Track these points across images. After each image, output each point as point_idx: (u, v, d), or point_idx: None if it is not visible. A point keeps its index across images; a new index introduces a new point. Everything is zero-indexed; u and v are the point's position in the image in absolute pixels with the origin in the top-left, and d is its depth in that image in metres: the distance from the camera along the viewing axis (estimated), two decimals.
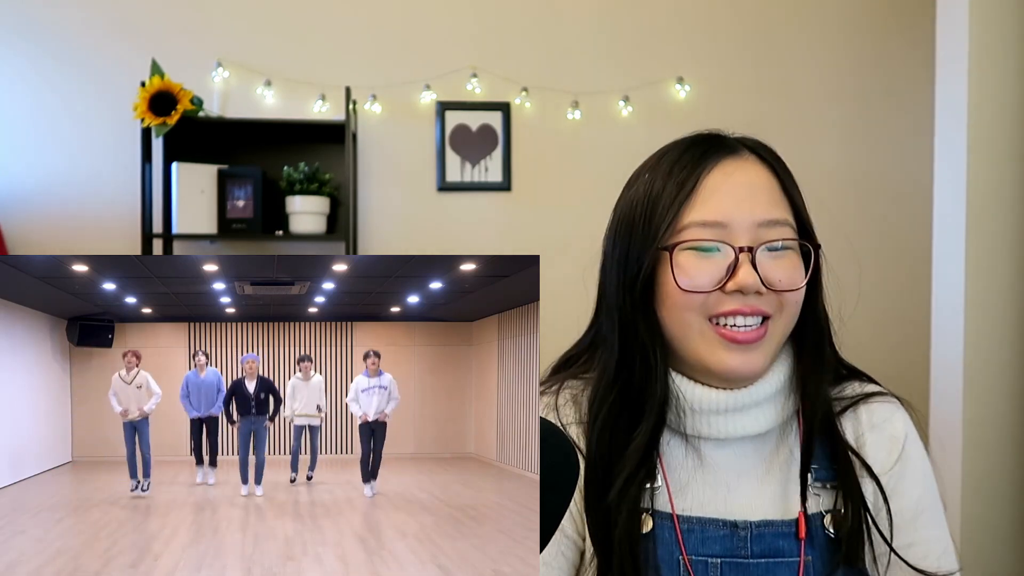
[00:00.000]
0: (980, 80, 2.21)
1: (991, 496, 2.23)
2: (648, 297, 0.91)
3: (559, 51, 3.24)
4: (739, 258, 0.87)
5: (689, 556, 0.90)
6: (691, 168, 0.90)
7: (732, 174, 0.90)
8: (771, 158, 0.94)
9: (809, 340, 0.95)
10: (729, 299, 0.88)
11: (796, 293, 0.90)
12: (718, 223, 0.88)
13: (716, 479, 0.94)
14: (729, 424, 0.92)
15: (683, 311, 0.89)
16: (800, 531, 0.90)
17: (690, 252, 0.88)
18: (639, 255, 0.91)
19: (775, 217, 0.89)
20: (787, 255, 0.90)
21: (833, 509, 0.92)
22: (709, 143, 0.94)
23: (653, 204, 0.91)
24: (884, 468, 0.95)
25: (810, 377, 0.94)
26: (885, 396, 0.99)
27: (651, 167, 0.95)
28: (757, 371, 0.90)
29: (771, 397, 0.93)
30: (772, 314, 0.89)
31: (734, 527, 0.91)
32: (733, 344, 0.88)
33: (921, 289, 2.47)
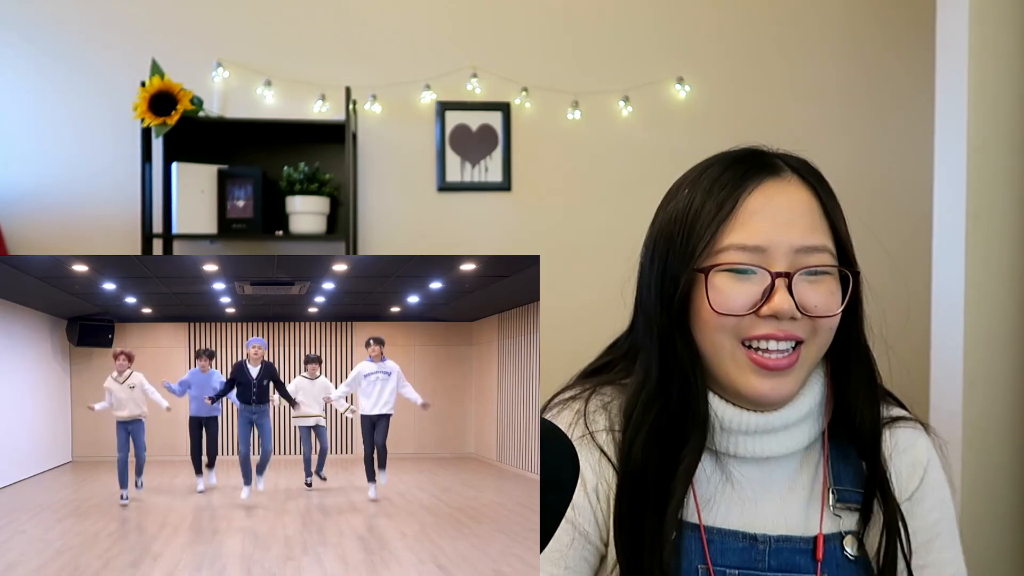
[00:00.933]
0: (980, 80, 2.21)
1: (991, 496, 2.23)
2: (684, 316, 0.91)
3: (559, 51, 3.24)
4: (775, 283, 0.87)
5: (711, 566, 0.91)
6: (732, 187, 0.89)
7: (773, 196, 0.89)
8: (814, 180, 0.93)
9: (856, 367, 0.95)
10: (763, 323, 0.87)
11: (831, 320, 0.89)
12: (757, 247, 0.87)
13: (740, 494, 0.94)
14: (757, 445, 0.93)
15: (716, 332, 0.89)
16: (818, 551, 0.91)
17: (726, 274, 0.88)
18: (676, 273, 0.90)
19: (814, 243, 0.88)
20: (824, 280, 0.89)
21: (853, 531, 0.93)
22: (752, 161, 0.92)
23: (692, 222, 0.90)
24: (905, 493, 0.96)
25: (855, 403, 0.94)
26: (910, 421, 1.00)
27: (692, 181, 0.94)
28: (787, 397, 0.91)
29: (799, 421, 0.93)
30: (805, 339, 0.89)
31: (753, 540, 0.92)
32: (764, 370, 0.88)
33: (921, 289, 2.47)
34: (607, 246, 3.13)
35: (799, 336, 0.88)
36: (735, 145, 0.98)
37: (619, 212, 3.18)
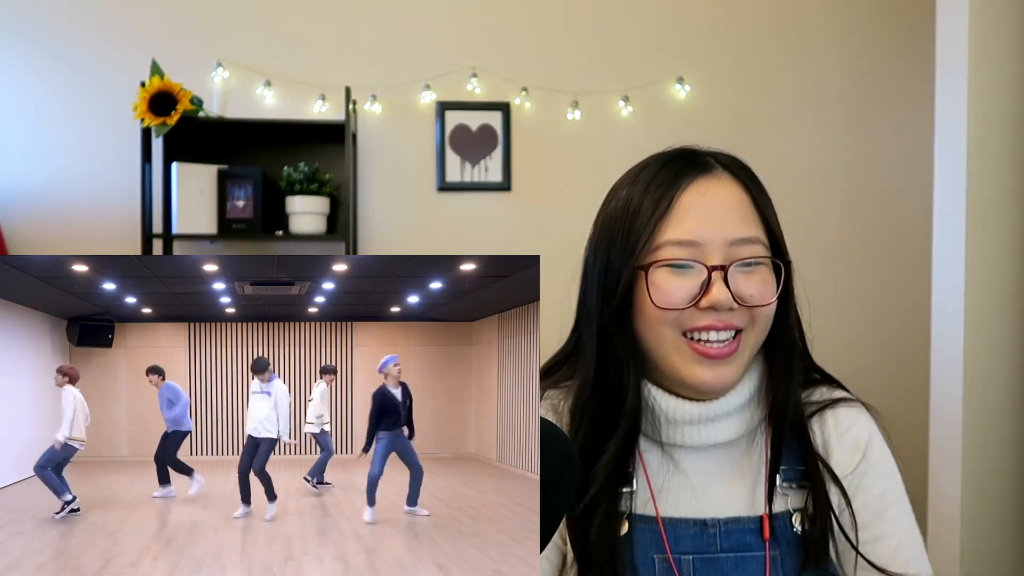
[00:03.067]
0: (980, 80, 2.21)
1: (991, 496, 2.23)
2: (625, 311, 0.95)
3: (559, 51, 3.24)
4: (712, 276, 0.90)
5: (663, 555, 0.94)
6: (666, 186, 0.94)
7: (705, 193, 0.93)
8: (744, 175, 0.97)
9: (780, 351, 0.99)
10: (703, 315, 0.91)
11: (767, 307, 0.94)
12: (692, 242, 0.91)
13: (690, 482, 0.98)
14: (701, 433, 0.96)
15: (658, 326, 0.93)
16: (764, 531, 0.94)
17: (665, 270, 0.92)
18: (618, 271, 0.94)
19: (747, 235, 0.92)
20: (759, 271, 0.93)
21: (801, 508, 0.96)
22: (684, 160, 0.97)
23: (631, 220, 0.94)
24: (848, 469, 0.99)
25: (780, 387, 0.98)
26: (851, 401, 1.03)
27: (629, 182, 0.98)
28: (729, 384, 0.94)
29: (740, 407, 0.97)
30: (744, 328, 0.93)
31: (704, 525, 0.95)
32: (706, 359, 0.92)
33: (921, 289, 2.47)
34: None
35: (738, 325, 0.92)
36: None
37: None
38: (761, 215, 0.95)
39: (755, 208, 0.95)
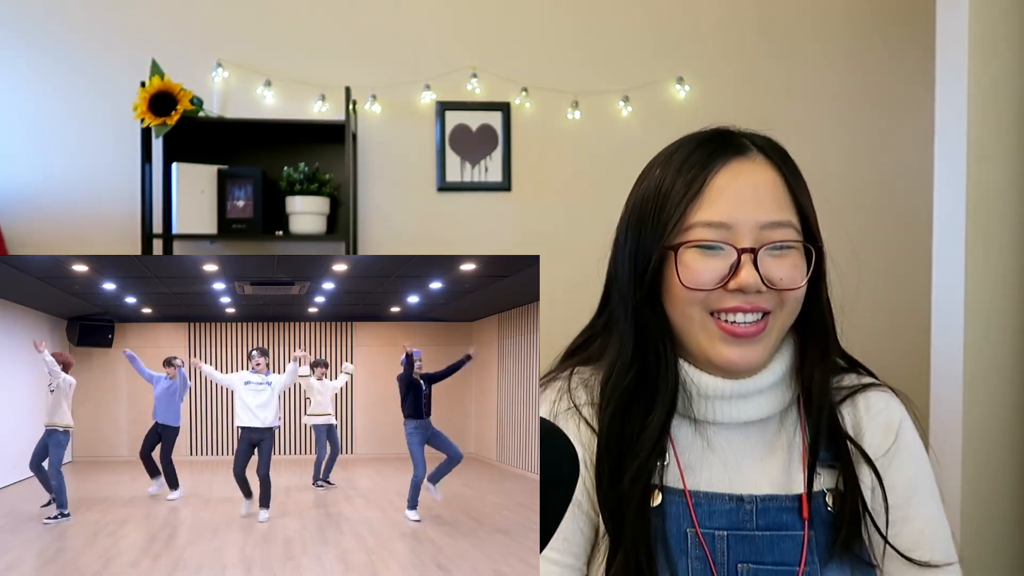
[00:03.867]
0: (980, 81, 2.20)
1: (991, 496, 2.23)
2: (656, 290, 0.95)
3: (559, 51, 3.24)
4: (741, 259, 0.90)
5: (699, 528, 0.94)
6: (700, 168, 0.93)
7: (739, 175, 0.93)
8: (779, 158, 0.96)
9: (813, 333, 0.99)
10: (731, 296, 0.91)
11: (797, 291, 0.93)
12: (723, 224, 0.91)
13: (723, 459, 0.98)
14: (733, 410, 0.96)
15: (686, 306, 0.93)
16: (804, 510, 0.94)
17: (695, 250, 0.92)
18: (648, 250, 0.95)
19: (778, 219, 0.92)
20: (789, 254, 0.93)
21: (833, 488, 0.96)
22: (719, 142, 0.96)
23: (663, 201, 0.94)
24: (879, 451, 0.99)
25: (815, 368, 0.98)
26: (881, 387, 1.04)
27: (663, 162, 0.98)
28: (756, 364, 0.94)
29: (772, 386, 0.97)
30: (772, 310, 0.93)
31: (740, 501, 0.95)
32: (733, 338, 0.92)
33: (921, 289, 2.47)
34: (607, 246, 3.12)
35: (766, 307, 0.92)
36: (706, 126, 1.02)
37: (619, 212, 3.17)
38: (794, 199, 0.95)
39: (788, 191, 0.95)
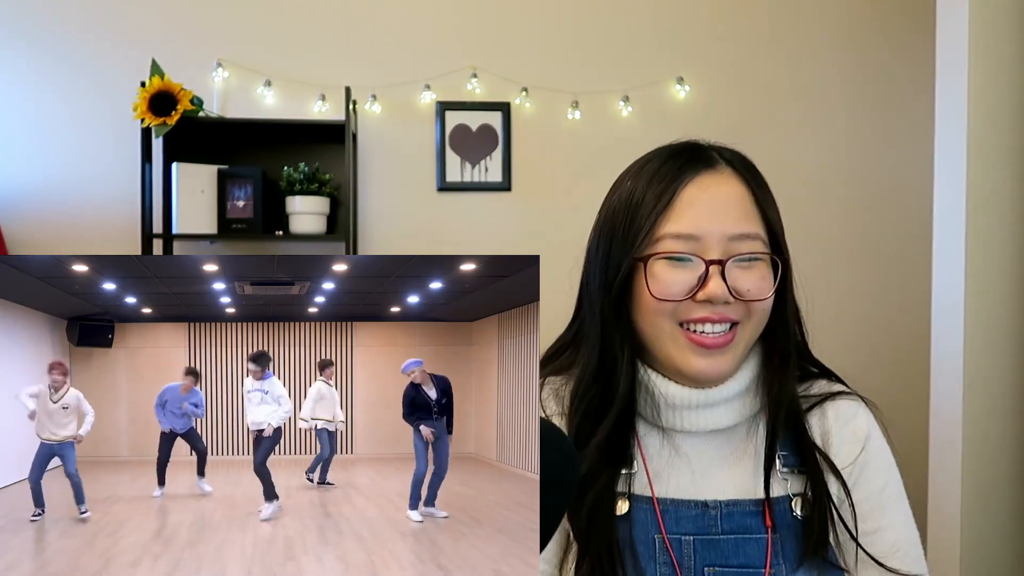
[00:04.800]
0: (980, 80, 2.20)
1: (991, 496, 2.23)
2: (624, 300, 0.97)
3: (559, 51, 3.24)
4: (709, 270, 0.92)
5: (666, 535, 0.96)
6: (669, 180, 0.95)
7: (708, 188, 0.95)
8: (747, 172, 0.98)
9: (777, 343, 1.00)
10: (699, 307, 0.93)
11: (764, 302, 0.96)
12: (691, 235, 0.93)
13: (690, 466, 1.00)
14: (699, 419, 0.99)
15: (656, 316, 0.95)
16: (766, 518, 0.96)
17: (664, 262, 0.94)
18: (618, 261, 0.97)
19: (746, 231, 0.94)
20: (756, 266, 0.95)
21: (800, 493, 0.98)
22: (689, 155, 0.98)
23: (633, 212, 0.96)
24: (848, 461, 1.00)
25: (775, 378, 0.99)
26: (850, 395, 1.05)
27: (634, 174, 1.00)
28: (724, 373, 0.96)
29: (738, 395, 0.99)
30: (740, 320, 0.95)
31: (705, 507, 0.97)
32: (702, 348, 0.94)
33: (921, 289, 2.47)
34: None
35: (733, 318, 0.94)
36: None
37: None
38: (762, 211, 0.97)
39: (756, 204, 0.97)
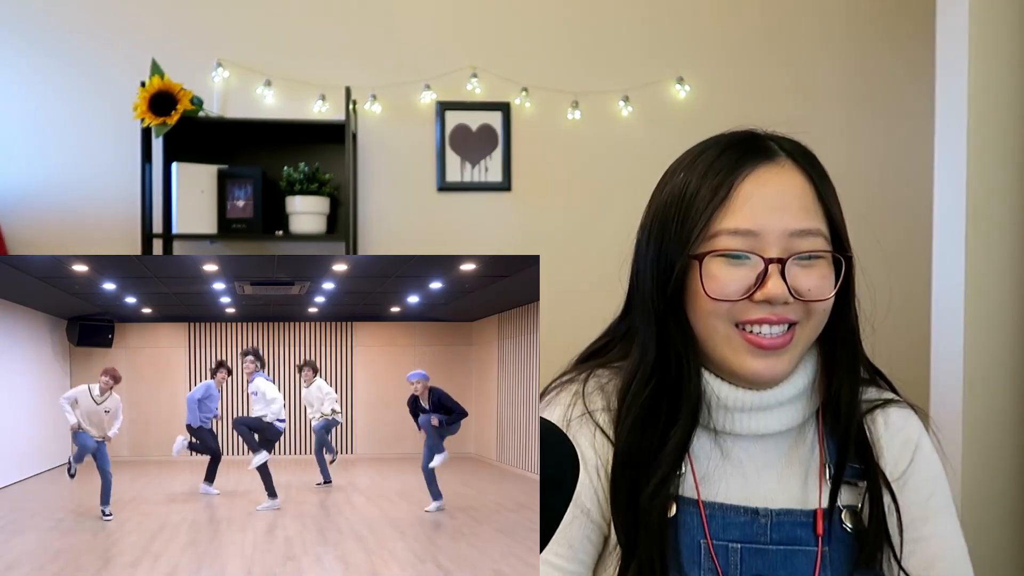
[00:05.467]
0: (980, 80, 2.20)
1: (991, 496, 2.23)
2: (679, 299, 0.92)
3: (559, 51, 3.24)
4: (769, 269, 0.88)
5: (711, 541, 0.92)
6: (726, 173, 0.90)
7: (767, 182, 0.90)
8: (808, 164, 0.93)
9: (841, 348, 0.96)
10: (757, 307, 0.89)
11: (824, 302, 0.91)
12: (749, 232, 0.88)
13: (739, 470, 0.96)
14: (753, 422, 0.95)
15: (711, 317, 0.90)
16: (818, 526, 0.92)
17: (721, 259, 0.89)
18: (671, 258, 0.92)
19: (807, 227, 0.89)
20: (817, 264, 0.90)
21: (851, 505, 0.95)
22: (746, 146, 0.93)
23: (687, 207, 0.91)
24: (897, 471, 0.98)
25: (842, 384, 0.96)
26: (901, 403, 1.02)
27: (687, 166, 0.95)
28: (781, 376, 0.92)
29: (794, 398, 0.95)
30: (799, 321, 0.90)
31: (755, 514, 0.93)
32: (759, 349, 0.90)
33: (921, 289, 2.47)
34: (607, 246, 3.12)
35: (792, 319, 0.90)
36: (734, 127, 1.00)
37: (619, 212, 3.17)
38: (824, 206, 0.92)
39: (818, 198, 0.92)
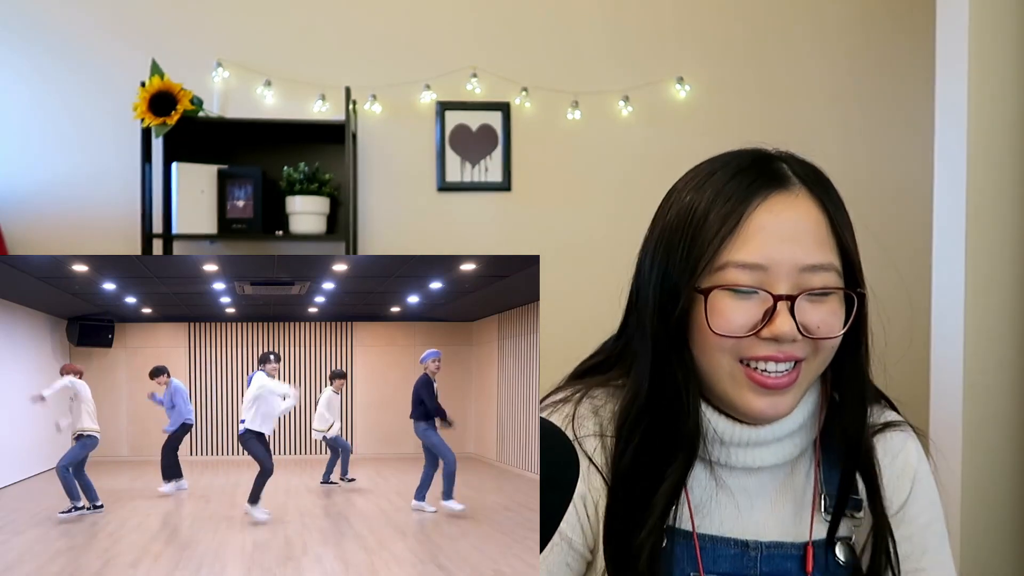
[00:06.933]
0: (980, 80, 2.20)
1: (991, 496, 2.23)
2: (681, 330, 0.89)
3: (559, 51, 3.24)
4: (778, 306, 0.84)
5: (699, 573, 0.91)
6: (736, 200, 0.86)
7: (780, 213, 0.86)
8: (822, 192, 0.89)
9: (849, 388, 0.93)
10: (763, 345, 0.85)
11: (833, 340, 0.88)
12: (759, 266, 0.84)
13: (733, 502, 0.94)
14: (750, 456, 0.93)
15: (714, 352, 0.87)
16: (807, 562, 0.91)
17: (727, 293, 0.85)
18: (675, 285, 0.88)
19: (819, 262, 0.85)
20: (828, 300, 0.87)
21: (844, 537, 0.93)
22: (759, 171, 0.88)
23: (694, 233, 0.86)
24: (897, 498, 0.96)
25: (850, 426, 0.93)
26: (899, 426, 0.99)
27: (696, 186, 0.90)
28: (784, 414, 0.90)
29: (793, 433, 0.93)
30: (806, 357, 0.87)
31: (745, 547, 0.92)
32: (762, 388, 0.87)
33: (921, 289, 2.47)
34: (607, 246, 3.13)
35: (799, 356, 0.86)
36: (742, 144, 0.95)
37: (619, 212, 3.18)
38: (837, 238, 0.88)
39: (831, 231, 0.87)
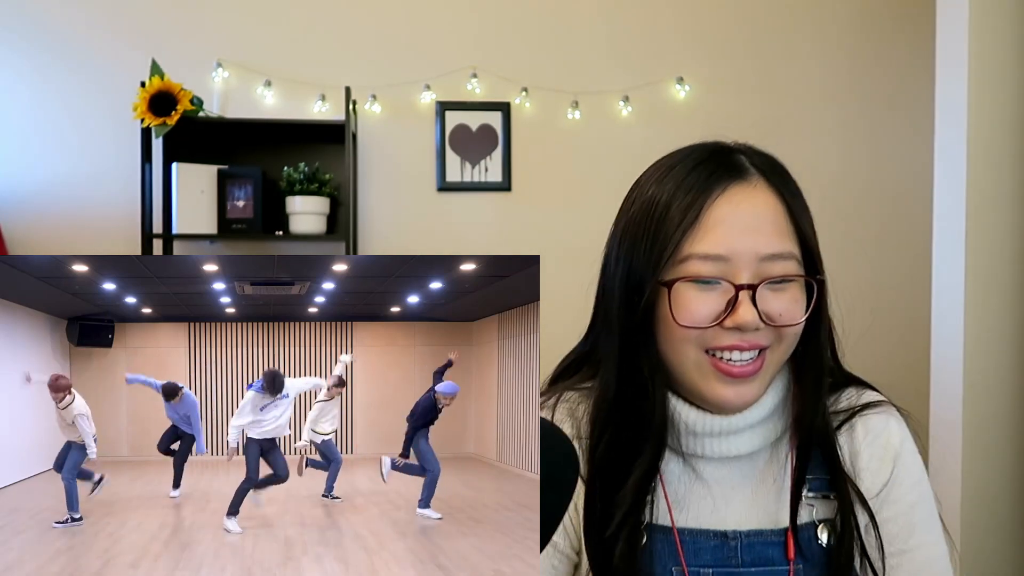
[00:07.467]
0: (980, 80, 2.20)
1: (991, 496, 2.23)
2: (648, 323, 0.90)
3: (559, 51, 3.24)
4: (739, 295, 0.86)
5: (685, 568, 0.92)
6: (696, 192, 0.88)
7: (739, 204, 0.88)
8: (780, 182, 0.91)
9: (808, 371, 0.95)
10: (727, 334, 0.87)
11: (795, 327, 0.89)
12: (720, 256, 0.86)
13: (711, 493, 0.94)
14: (723, 445, 0.93)
15: (680, 343, 0.89)
16: (789, 549, 0.91)
17: (690, 285, 0.87)
18: (640, 280, 0.89)
19: (779, 251, 0.87)
20: (789, 288, 0.88)
21: (826, 519, 0.93)
22: (718, 162, 0.90)
23: (656, 226, 0.89)
24: (877, 485, 0.95)
25: (805, 410, 0.94)
26: (879, 406, 0.98)
27: (657, 180, 0.92)
28: (751, 402, 0.91)
29: (764, 420, 0.94)
30: (770, 345, 0.89)
31: (724, 537, 0.92)
32: (728, 377, 0.88)
33: (921, 289, 2.47)
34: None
35: (763, 344, 0.88)
36: (703, 138, 0.96)
37: None
38: (796, 226, 0.89)
39: (790, 219, 0.89)
